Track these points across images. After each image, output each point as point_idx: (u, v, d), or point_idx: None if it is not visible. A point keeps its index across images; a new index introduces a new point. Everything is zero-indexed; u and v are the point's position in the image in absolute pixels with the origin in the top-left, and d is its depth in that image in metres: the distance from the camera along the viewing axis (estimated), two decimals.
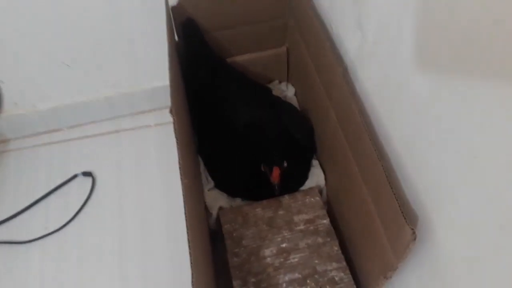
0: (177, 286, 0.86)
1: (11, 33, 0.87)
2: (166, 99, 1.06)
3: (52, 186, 0.99)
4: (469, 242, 0.49)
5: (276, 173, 0.80)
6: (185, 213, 0.55)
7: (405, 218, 0.55)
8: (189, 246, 0.53)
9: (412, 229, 0.54)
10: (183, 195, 0.57)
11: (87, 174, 1.00)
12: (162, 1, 0.80)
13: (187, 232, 0.54)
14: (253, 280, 0.76)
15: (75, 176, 1.00)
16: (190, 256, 0.52)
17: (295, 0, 0.87)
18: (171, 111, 0.66)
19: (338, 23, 0.76)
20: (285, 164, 0.82)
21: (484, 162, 0.44)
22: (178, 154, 0.60)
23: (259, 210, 0.84)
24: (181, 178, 0.58)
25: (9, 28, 0.86)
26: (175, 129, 0.63)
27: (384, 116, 0.65)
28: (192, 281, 0.50)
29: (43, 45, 0.90)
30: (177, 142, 0.62)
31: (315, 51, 0.82)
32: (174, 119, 0.64)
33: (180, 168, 0.59)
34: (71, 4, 0.85)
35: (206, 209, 0.85)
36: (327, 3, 0.79)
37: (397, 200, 0.57)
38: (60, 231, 0.94)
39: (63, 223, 0.94)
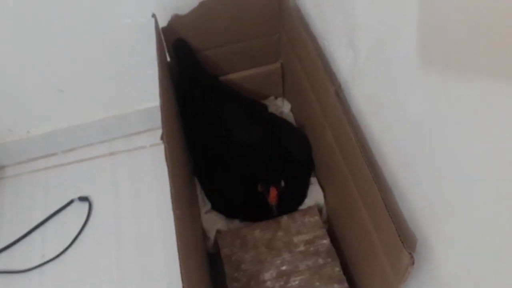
0: None
1: (3, 59, 0.87)
2: (159, 119, 1.05)
3: (49, 213, 0.98)
4: (468, 262, 0.48)
5: (273, 194, 0.79)
6: (178, 246, 0.54)
7: (402, 242, 0.54)
8: (182, 279, 0.51)
9: (410, 253, 0.53)
10: (175, 226, 0.56)
11: (83, 199, 0.99)
12: (152, 23, 0.79)
13: (180, 266, 0.52)
14: None
15: (71, 202, 0.99)
16: None
17: (286, 17, 0.86)
18: (162, 138, 0.65)
19: (331, 41, 0.74)
20: (283, 184, 0.81)
21: (479, 181, 0.42)
22: (170, 184, 0.59)
23: (258, 232, 0.82)
24: (173, 209, 0.56)
25: (1, 54, 0.86)
26: (166, 157, 0.62)
27: (379, 134, 0.63)
28: None
29: (35, 71, 0.90)
30: (168, 170, 0.60)
31: (308, 69, 0.81)
32: (165, 146, 0.63)
33: (171, 197, 0.58)
34: (62, 30, 0.84)
35: (204, 232, 0.84)
36: (319, 19, 0.78)
37: (394, 223, 0.56)
38: (58, 258, 0.93)
39: (61, 250, 0.93)
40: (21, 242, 0.95)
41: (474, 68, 0.39)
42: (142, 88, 0.98)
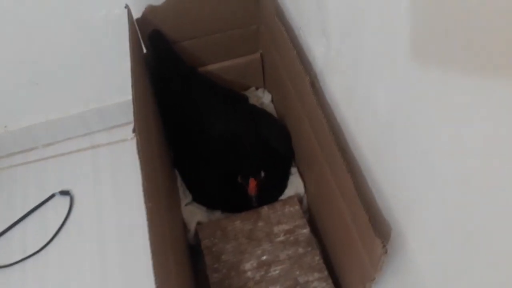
0: None
1: None
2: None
3: (30, 207, 0.97)
4: (439, 252, 0.48)
5: (252, 185, 0.79)
6: (150, 239, 0.54)
7: (375, 231, 0.54)
8: (154, 274, 0.51)
9: (383, 242, 0.53)
10: (147, 219, 0.55)
11: (64, 192, 0.98)
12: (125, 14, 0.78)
13: (152, 259, 0.52)
14: None
15: (52, 196, 0.98)
16: (156, 284, 0.51)
17: (262, 7, 0.85)
18: (134, 130, 0.64)
19: (305, 30, 0.74)
20: (262, 175, 0.80)
21: (448, 170, 0.42)
22: (142, 177, 0.59)
23: (238, 223, 0.82)
24: (145, 202, 0.56)
25: None
26: (138, 149, 0.61)
27: (353, 125, 0.63)
28: None
29: (8, 64, 0.88)
30: (140, 164, 0.60)
31: (284, 59, 0.81)
32: (137, 138, 0.63)
33: (143, 190, 0.57)
34: (35, 22, 0.83)
35: (184, 225, 0.84)
36: (294, 9, 0.77)
37: (366, 212, 0.56)
38: (40, 253, 0.92)
39: (42, 245, 0.92)
40: (1, 238, 0.94)
41: (443, 58, 0.39)
42: (121, 80, 0.96)
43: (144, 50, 0.88)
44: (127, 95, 1.00)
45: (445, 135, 0.41)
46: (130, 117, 1.03)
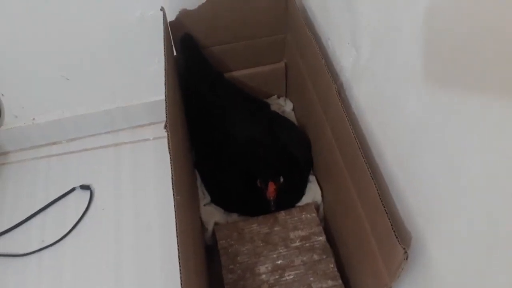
0: None
1: (12, 46, 0.88)
2: (164, 113, 1.06)
3: (50, 199, 0.99)
4: (460, 262, 0.49)
5: (271, 189, 0.80)
6: (176, 231, 0.55)
7: (397, 237, 0.55)
8: (179, 264, 0.53)
9: (404, 248, 0.54)
10: (175, 211, 0.57)
11: (85, 187, 1.00)
12: (161, 16, 0.81)
13: (178, 250, 0.53)
14: None
15: (73, 189, 1.00)
16: (180, 274, 0.52)
17: (291, 16, 0.88)
18: (165, 127, 0.66)
19: (334, 40, 0.76)
20: (281, 180, 0.82)
21: (476, 181, 0.43)
22: (171, 170, 0.60)
23: (255, 226, 0.84)
24: (173, 195, 0.58)
25: (11, 41, 0.87)
26: (169, 145, 0.63)
27: (378, 133, 0.64)
28: None
29: (44, 59, 0.91)
30: (170, 158, 0.62)
31: (311, 68, 0.83)
32: (168, 134, 0.65)
33: (172, 184, 0.59)
34: (72, 19, 0.86)
35: (202, 224, 0.85)
36: (323, 19, 0.80)
37: (389, 219, 0.57)
38: (57, 244, 0.94)
39: (60, 236, 0.94)
40: (21, 227, 0.96)
41: (473, 73, 0.41)
42: (148, 81, 1.00)
43: (175, 53, 0.90)
44: (153, 96, 1.04)
45: (475, 148, 0.42)
46: (154, 117, 1.08)
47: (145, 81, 1.00)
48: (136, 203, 0.99)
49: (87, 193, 1.00)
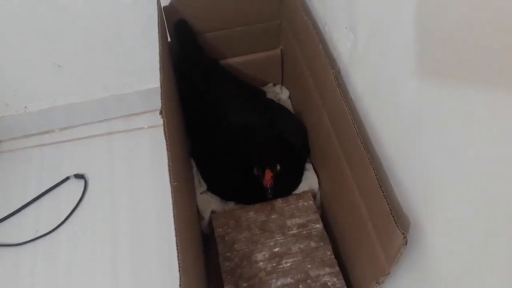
0: (166, 287, 0.85)
1: (3, 33, 0.87)
2: (158, 101, 1.05)
3: (44, 189, 0.98)
4: (458, 247, 0.49)
5: (268, 177, 0.80)
6: (174, 217, 0.54)
7: (396, 223, 0.55)
8: (177, 250, 0.52)
9: (403, 233, 0.54)
10: (172, 198, 0.56)
11: (79, 176, 0.99)
12: (154, 2, 0.79)
13: (175, 236, 0.53)
14: (245, 285, 0.75)
15: (67, 178, 0.99)
16: (178, 260, 0.51)
17: (288, 2, 0.87)
18: (161, 113, 0.65)
19: (331, 25, 0.75)
20: (278, 167, 0.81)
21: (473, 168, 0.43)
22: (168, 156, 0.60)
23: (252, 214, 0.83)
24: (170, 181, 0.57)
25: (2, 28, 0.85)
26: (164, 131, 0.62)
27: (376, 120, 0.64)
28: (180, 285, 0.49)
29: (35, 46, 0.90)
30: (166, 144, 0.61)
31: (308, 54, 0.82)
32: (164, 120, 0.64)
33: (169, 170, 0.58)
34: (63, 5, 0.84)
35: (199, 212, 0.84)
36: (320, 4, 0.79)
37: (388, 204, 0.57)
38: (52, 234, 0.93)
39: (55, 225, 0.93)
40: (15, 216, 0.95)
41: (468, 60, 0.40)
42: (142, 69, 0.99)
43: (169, 39, 0.89)
44: (147, 83, 1.03)
45: (471, 130, 0.42)
46: (148, 106, 1.07)
47: (139, 68, 0.99)
48: (131, 192, 0.98)
49: (82, 182, 0.99)
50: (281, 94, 1.04)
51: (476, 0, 0.37)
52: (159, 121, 1.05)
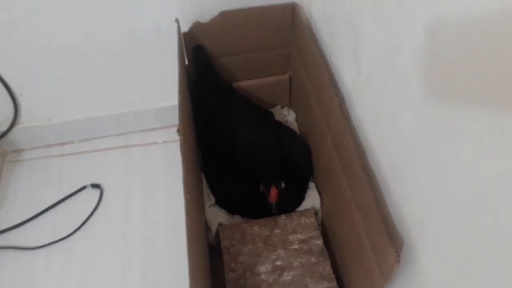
0: None
1: (33, 49, 0.93)
2: (173, 118, 1.12)
3: (62, 196, 1.03)
4: (449, 266, 0.53)
5: (273, 193, 0.85)
6: (186, 227, 0.60)
7: (390, 242, 0.60)
8: (188, 258, 0.57)
9: (396, 251, 0.58)
10: (185, 209, 0.61)
11: (95, 186, 1.05)
12: (174, 28, 0.86)
13: (187, 245, 0.58)
14: None
15: (84, 188, 1.05)
16: (189, 268, 0.56)
17: (298, 32, 0.93)
18: (178, 131, 0.71)
19: (337, 56, 0.81)
20: (283, 185, 0.87)
21: (464, 190, 0.48)
22: (182, 170, 0.65)
23: (257, 228, 0.88)
24: (184, 193, 0.62)
25: (31, 44, 0.92)
26: (181, 147, 0.68)
27: (376, 145, 0.69)
28: None
29: (62, 62, 0.96)
30: (182, 160, 0.66)
31: (315, 81, 0.88)
32: (180, 138, 0.69)
33: (183, 183, 0.64)
34: (91, 25, 0.91)
35: (206, 224, 0.90)
36: (328, 36, 0.85)
37: (383, 224, 0.61)
38: (67, 240, 0.98)
39: (70, 232, 0.99)
40: (32, 222, 1.00)
41: (462, 93, 0.46)
42: (160, 88, 1.05)
43: (186, 62, 0.96)
44: (163, 101, 1.09)
45: (464, 159, 0.47)
46: (163, 122, 1.14)
47: (157, 88, 1.05)
48: (144, 203, 1.03)
49: (97, 191, 1.04)
50: (288, 116, 1.10)
51: (471, 41, 0.43)
52: (173, 136, 1.12)
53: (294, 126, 1.08)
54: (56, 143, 1.12)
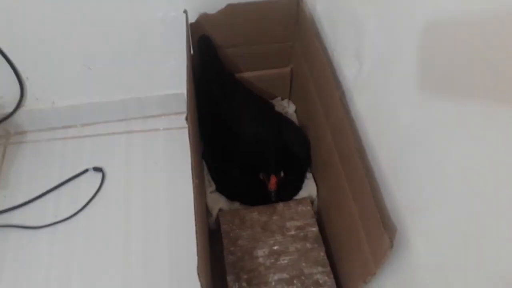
0: (174, 275, 0.94)
1: (40, 34, 0.95)
2: (175, 106, 1.15)
3: (64, 178, 1.06)
4: (439, 252, 0.57)
5: (273, 181, 0.89)
6: (194, 209, 0.63)
7: (384, 228, 0.64)
8: (196, 237, 0.61)
9: (390, 237, 0.62)
10: (194, 193, 0.65)
11: (97, 169, 1.07)
12: (182, 17, 0.89)
13: (195, 225, 0.61)
14: (245, 276, 0.84)
15: (86, 171, 1.07)
16: (197, 246, 0.60)
17: (302, 27, 0.96)
18: (187, 118, 0.74)
19: (340, 52, 0.85)
20: (282, 174, 0.91)
21: (454, 183, 0.52)
22: (191, 157, 0.68)
23: (255, 214, 0.92)
24: (192, 178, 0.66)
25: (39, 29, 0.94)
26: (189, 135, 0.71)
27: (374, 137, 0.73)
28: (198, 267, 0.57)
29: (69, 47, 0.98)
30: (190, 146, 0.70)
31: (317, 75, 0.91)
32: (188, 126, 0.72)
33: (192, 169, 0.67)
34: (99, 13, 0.93)
35: (207, 209, 0.93)
36: (331, 32, 0.88)
37: (378, 212, 0.66)
38: (69, 220, 1.01)
39: (73, 213, 1.01)
40: (35, 202, 1.03)
41: (459, 91, 0.49)
42: (163, 76, 1.08)
43: (191, 52, 0.98)
44: (165, 89, 1.12)
45: (456, 152, 0.51)
46: (165, 110, 1.16)
47: (160, 76, 1.08)
48: (144, 187, 1.06)
49: (100, 174, 1.07)
50: (288, 108, 1.13)
51: (471, 39, 0.47)
52: (174, 124, 1.16)
53: (294, 118, 1.11)
54: (59, 126, 1.14)
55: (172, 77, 1.07)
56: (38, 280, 0.93)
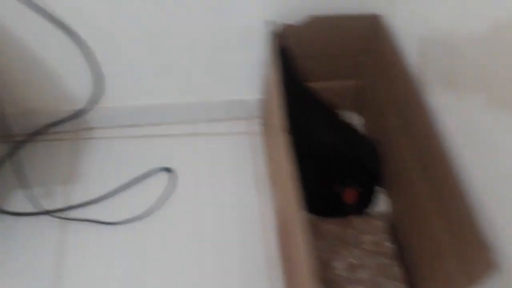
0: (246, 275, 0.95)
1: (124, 37, 0.96)
2: (239, 111, 1.17)
3: (134, 176, 1.07)
4: None
5: (348, 194, 0.90)
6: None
7: (482, 247, 0.64)
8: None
9: (490, 257, 0.63)
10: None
11: (167, 170, 1.09)
12: (260, 27, 0.91)
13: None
14: (324, 287, 0.85)
15: (156, 170, 1.09)
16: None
17: (380, 42, 0.97)
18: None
19: (427, 74, 0.85)
20: (357, 187, 0.92)
21: None
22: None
23: (331, 226, 0.93)
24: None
25: (116, 31, 0.95)
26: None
27: (467, 157, 0.73)
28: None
29: (147, 51, 0.99)
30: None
31: (396, 92, 0.92)
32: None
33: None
34: (185, 18, 0.94)
35: None
36: (414, 51, 0.88)
37: (479, 235, 0.66)
38: (145, 218, 1.02)
39: (148, 210, 1.02)
40: (110, 198, 1.04)
41: None
42: (234, 82, 1.10)
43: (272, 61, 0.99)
44: (233, 95, 1.14)
45: None
46: (230, 114, 1.18)
47: (231, 82, 1.10)
48: (213, 191, 1.07)
49: (170, 175, 1.08)
50: (354, 120, 1.14)
51: None
52: (237, 129, 1.18)
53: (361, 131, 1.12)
54: (127, 124, 1.16)
55: (242, 84, 1.09)
56: (115, 275, 0.94)
